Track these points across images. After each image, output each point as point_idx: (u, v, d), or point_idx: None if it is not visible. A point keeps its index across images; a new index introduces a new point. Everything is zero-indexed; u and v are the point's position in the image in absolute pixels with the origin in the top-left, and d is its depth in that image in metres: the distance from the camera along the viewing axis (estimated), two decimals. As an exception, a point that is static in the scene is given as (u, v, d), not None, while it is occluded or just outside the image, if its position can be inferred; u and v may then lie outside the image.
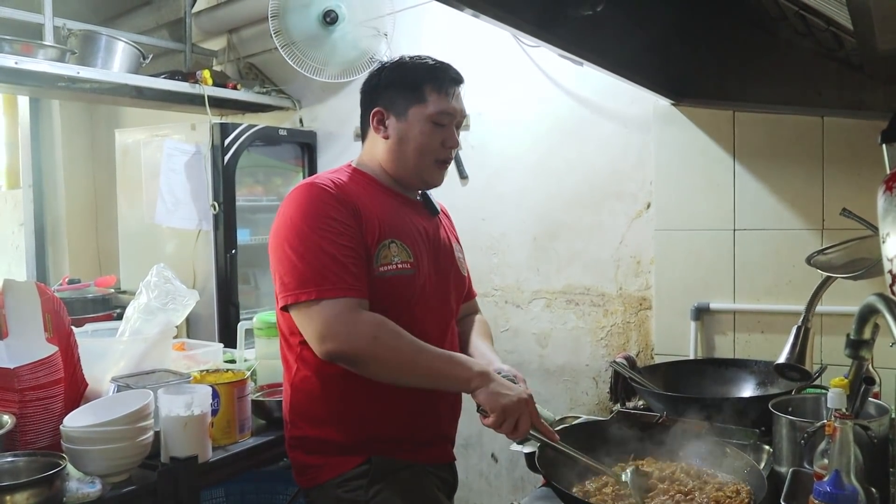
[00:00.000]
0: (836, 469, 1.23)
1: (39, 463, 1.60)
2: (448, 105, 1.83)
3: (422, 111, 1.82)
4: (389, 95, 1.86)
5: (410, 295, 1.78)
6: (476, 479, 3.23)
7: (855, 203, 1.91)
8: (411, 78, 1.84)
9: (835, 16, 1.56)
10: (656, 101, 2.70)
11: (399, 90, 1.85)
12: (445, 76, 1.86)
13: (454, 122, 1.86)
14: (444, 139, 1.84)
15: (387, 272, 1.74)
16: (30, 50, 2.83)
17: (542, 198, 3.10)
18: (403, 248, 1.79)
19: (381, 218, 1.78)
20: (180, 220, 3.32)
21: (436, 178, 1.90)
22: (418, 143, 1.82)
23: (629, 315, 2.93)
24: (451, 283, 1.95)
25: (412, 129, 1.83)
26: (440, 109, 1.82)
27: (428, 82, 1.83)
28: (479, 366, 1.70)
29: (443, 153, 1.86)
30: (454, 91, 1.86)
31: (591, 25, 1.73)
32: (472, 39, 3.08)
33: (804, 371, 1.84)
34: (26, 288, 1.88)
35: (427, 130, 1.82)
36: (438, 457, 1.90)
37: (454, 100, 1.86)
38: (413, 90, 1.83)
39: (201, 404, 1.81)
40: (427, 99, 1.82)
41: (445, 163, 1.88)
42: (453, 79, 1.87)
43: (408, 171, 1.87)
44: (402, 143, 1.84)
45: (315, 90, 3.66)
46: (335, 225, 1.69)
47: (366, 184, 1.86)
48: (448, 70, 1.88)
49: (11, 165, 4.81)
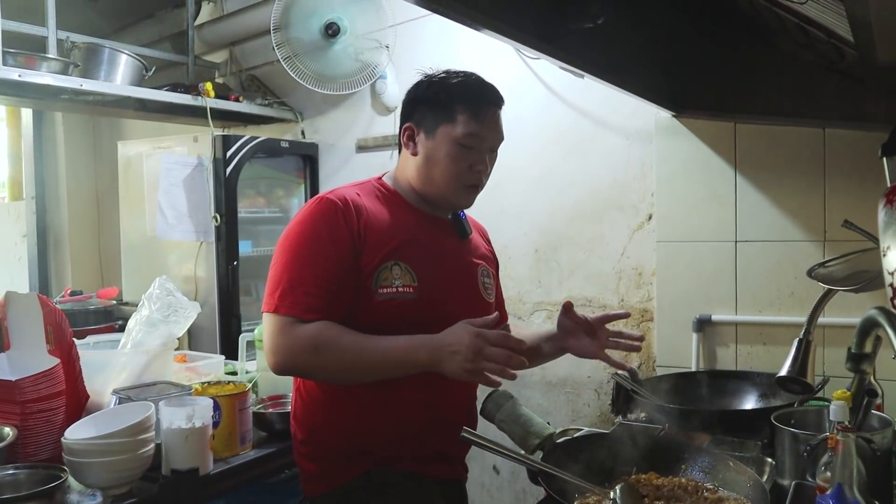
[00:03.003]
0: (839, 482, 1.22)
1: (40, 475, 1.60)
2: (477, 127, 1.75)
3: (450, 131, 1.75)
4: (422, 111, 1.80)
5: (412, 318, 1.72)
6: (478, 491, 3.22)
7: (857, 214, 1.91)
8: (445, 95, 1.77)
9: (835, 28, 1.57)
10: (657, 112, 2.70)
11: (432, 107, 1.78)
12: (480, 97, 1.78)
13: (485, 145, 1.78)
14: (473, 163, 1.77)
15: (385, 294, 1.70)
16: (33, 63, 2.85)
17: (544, 210, 3.11)
18: (407, 270, 1.73)
19: (391, 239, 1.74)
20: (181, 234, 3.33)
21: (463, 202, 1.84)
22: (444, 165, 1.76)
23: (631, 327, 2.92)
24: (468, 307, 1.82)
25: (439, 149, 1.76)
26: (468, 132, 1.74)
27: (460, 102, 1.75)
28: (421, 342, 1.61)
29: (470, 178, 1.78)
30: (488, 113, 1.77)
31: (592, 38, 1.74)
32: (473, 52, 3.09)
33: (806, 384, 1.83)
34: (28, 300, 1.88)
35: (454, 152, 1.75)
36: (444, 472, 1.86)
37: (487, 122, 1.77)
38: (444, 108, 1.76)
39: (202, 416, 1.81)
40: (456, 119, 1.74)
41: (475, 187, 1.81)
42: (489, 101, 1.79)
43: (434, 192, 1.81)
44: (429, 162, 1.78)
45: (317, 102, 3.67)
46: (322, 244, 1.68)
47: (387, 200, 1.82)
48: (485, 91, 1.80)
49: (14, 177, 4.83)
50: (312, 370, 1.68)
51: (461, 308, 1.81)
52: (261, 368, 2.38)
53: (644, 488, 1.60)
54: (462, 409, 1.87)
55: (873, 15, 1.16)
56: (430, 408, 1.77)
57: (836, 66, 2.10)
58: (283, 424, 2.09)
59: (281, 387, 2.26)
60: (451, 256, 1.87)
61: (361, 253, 1.71)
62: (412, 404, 1.75)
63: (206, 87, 3.36)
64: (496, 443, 1.61)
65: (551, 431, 1.88)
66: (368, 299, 1.70)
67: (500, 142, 1.83)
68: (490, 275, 1.98)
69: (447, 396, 1.80)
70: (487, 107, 1.78)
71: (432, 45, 3.27)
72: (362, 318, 1.70)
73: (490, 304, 1.94)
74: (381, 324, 1.69)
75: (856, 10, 1.20)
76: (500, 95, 1.82)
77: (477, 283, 1.91)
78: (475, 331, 1.57)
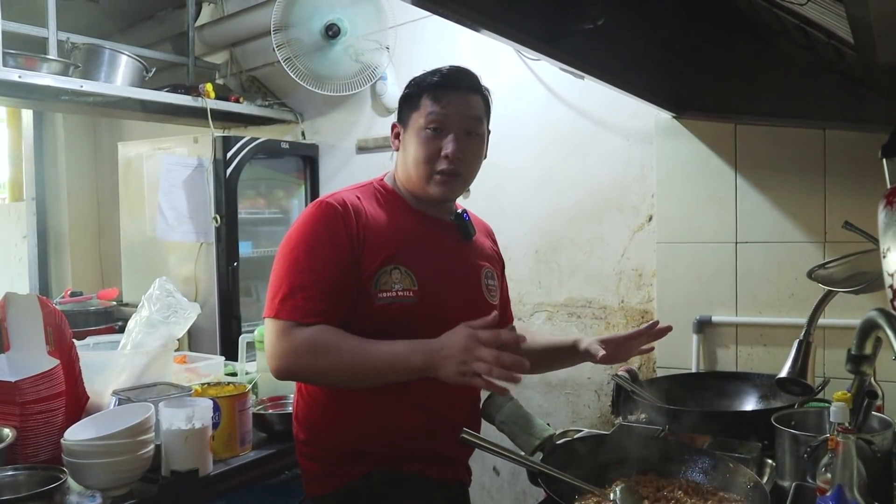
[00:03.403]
0: (840, 483, 1.22)
1: (40, 476, 1.60)
2: (439, 108, 1.74)
3: (417, 118, 1.77)
4: (402, 108, 1.84)
5: (412, 322, 1.71)
6: (478, 492, 3.22)
7: (857, 215, 1.91)
8: (415, 88, 1.80)
9: (835, 29, 1.57)
10: (658, 113, 2.71)
11: (406, 101, 1.82)
12: (443, 83, 1.77)
13: (452, 127, 1.75)
14: (442, 147, 1.74)
15: (385, 299, 1.70)
16: (33, 64, 2.85)
17: (544, 211, 3.11)
18: (407, 274, 1.72)
19: (391, 242, 1.73)
20: (180, 234, 3.33)
21: (437, 191, 1.78)
22: (414, 152, 1.77)
23: (631, 328, 2.91)
24: (471, 309, 1.78)
25: (410, 138, 1.78)
26: (430, 112, 1.74)
27: (426, 90, 1.77)
28: (417, 346, 1.59)
29: (441, 163, 1.75)
30: (452, 97, 1.76)
31: (593, 39, 1.74)
32: (473, 53, 3.08)
33: (806, 385, 1.83)
34: (28, 301, 1.88)
35: (423, 138, 1.75)
36: (446, 474, 1.85)
37: (450, 104, 1.75)
38: (414, 99, 1.79)
39: (202, 417, 1.81)
40: (421, 105, 1.77)
41: (447, 174, 1.76)
42: (452, 84, 1.78)
43: (413, 185, 1.80)
44: (405, 153, 1.80)
45: (317, 103, 3.67)
46: (322, 249, 1.68)
47: (388, 202, 1.82)
48: (450, 76, 1.79)
49: (15, 178, 4.84)
50: (313, 374, 1.68)
51: (463, 311, 1.78)
52: (261, 369, 2.38)
53: (644, 490, 1.60)
54: (463, 411, 1.87)
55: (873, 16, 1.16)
56: (432, 410, 1.77)
57: (836, 67, 2.10)
58: (283, 425, 2.09)
59: (281, 388, 2.26)
60: (452, 259, 1.86)
61: (361, 257, 1.70)
62: (413, 407, 1.75)
63: (207, 88, 3.36)
64: (496, 444, 1.61)
65: (551, 433, 1.88)
66: (368, 303, 1.70)
67: (472, 125, 1.78)
68: (494, 276, 1.96)
69: (448, 399, 1.80)
70: (450, 90, 1.77)
71: (432, 47, 3.27)
72: (362, 322, 1.70)
73: (494, 306, 1.90)
74: (381, 328, 1.68)
75: (855, 12, 1.19)
76: (468, 80, 1.81)
77: (480, 285, 1.89)
78: (469, 332, 1.55)
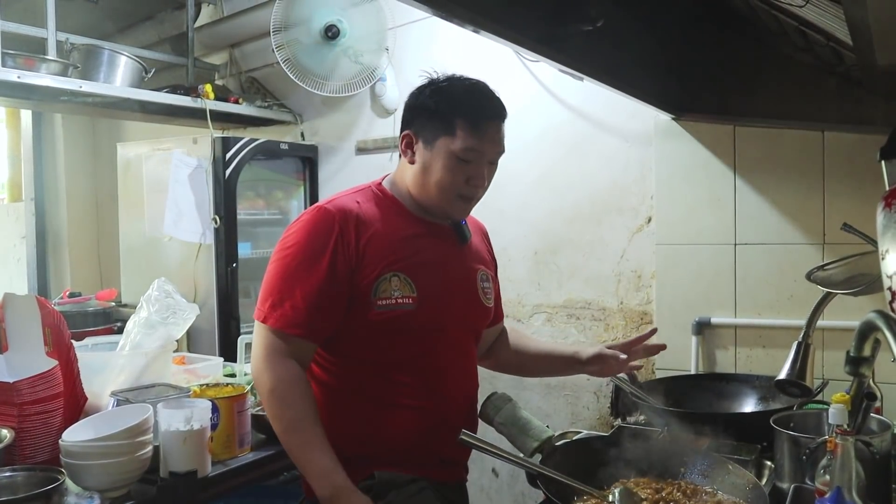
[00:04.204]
0: (838, 485, 1.22)
1: (38, 478, 1.60)
2: (477, 143, 1.70)
3: (448, 144, 1.70)
4: (422, 120, 1.76)
5: (410, 328, 1.73)
6: (477, 494, 3.22)
7: (856, 217, 1.91)
8: (446, 106, 1.72)
9: (834, 32, 1.57)
10: (657, 115, 2.71)
11: (431, 117, 1.74)
12: (481, 111, 1.73)
13: (484, 159, 1.74)
14: (470, 177, 1.73)
15: (384, 306, 1.69)
16: (32, 64, 2.85)
17: (543, 212, 3.10)
18: (406, 281, 1.72)
19: (390, 249, 1.73)
20: (185, 232, 3.33)
21: (457, 213, 1.81)
22: (440, 178, 1.73)
23: (630, 329, 2.92)
24: (468, 313, 1.87)
25: (437, 161, 1.72)
26: (467, 146, 1.70)
27: (461, 115, 1.70)
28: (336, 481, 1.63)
29: (467, 190, 1.75)
30: (490, 127, 1.73)
31: (592, 41, 1.74)
32: (472, 54, 3.09)
33: (805, 387, 1.84)
34: (26, 301, 1.88)
35: (451, 165, 1.71)
36: (446, 475, 1.85)
37: (487, 137, 1.72)
38: (444, 120, 1.71)
39: (201, 419, 1.80)
40: (456, 133, 1.70)
41: (471, 199, 1.78)
42: (491, 115, 1.74)
43: (430, 202, 1.78)
44: (426, 173, 1.74)
45: (316, 104, 3.67)
46: (315, 257, 1.68)
47: (387, 207, 1.80)
48: (487, 104, 1.75)
49: (14, 178, 4.83)
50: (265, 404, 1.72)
51: (460, 313, 1.84)
52: (259, 370, 2.37)
53: (643, 491, 1.60)
54: (461, 412, 1.87)
55: (871, 18, 1.16)
56: (431, 414, 1.77)
57: (835, 69, 2.11)
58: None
59: (280, 389, 2.25)
60: (450, 263, 1.85)
61: (359, 266, 1.70)
62: (412, 411, 1.75)
63: (206, 88, 3.35)
64: (495, 446, 1.61)
65: (550, 434, 1.88)
66: (367, 311, 1.70)
67: (500, 155, 1.79)
68: (489, 278, 1.97)
69: (446, 400, 1.80)
70: (489, 121, 1.74)
71: (432, 48, 3.27)
72: (361, 330, 1.71)
73: (489, 309, 1.94)
74: (379, 335, 1.71)
75: (854, 14, 1.20)
76: (503, 108, 1.78)
77: (476, 288, 1.89)
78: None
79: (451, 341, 1.84)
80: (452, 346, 1.84)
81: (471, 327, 1.91)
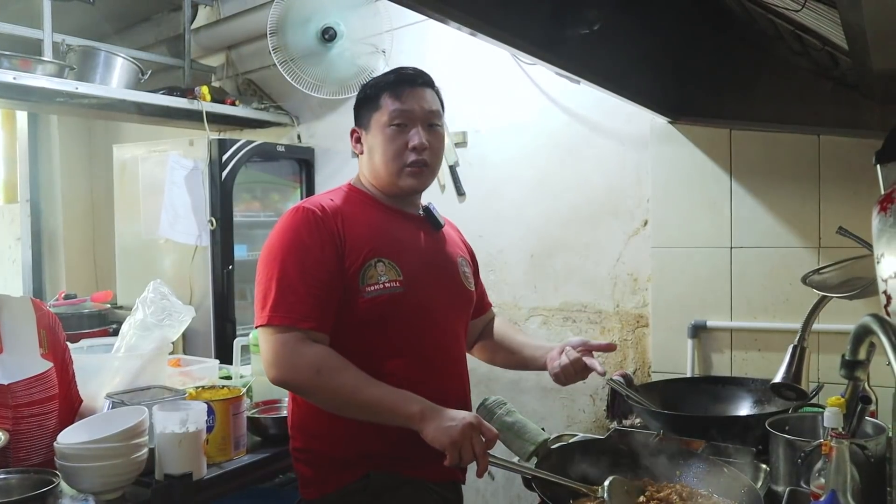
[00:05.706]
0: (833, 489, 1.22)
1: (32, 480, 1.59)
2: (401, 104, 1.80)
3: (379, 118, 1.82)
4: (360, 112, 1.89)
5: (401, 312, 1.77)
6: (473, 496, 3.21)
7: (851, 221, 1.91)
8: (372, 89, 1.85)
9: (830, 36, 1.57)
10: (653, 118, 2.71)
11: (364, 104, 1.87)
12: (401, 79, 1.84)
13: (416, 120, 1.81)
14: (408, 141, 1.80)
15: (373, 292, 1.74)
16: (28, 65, 2.85)
17: (540, 215, 3.11)
18: (391, 266, 1.77)
19: (371, 237, 1.78)
20: (181, 234, 3.32)
21: (409, 183, 1.84)
22: (382, 151, 1.81)
23: (626, 332, 2.92)
24: (454, 298, 1.93)
25: (376, 138, 1.82)
26: (392, 111, 1.80)
27: (384, 90, 1.82)
28: (423, 403, 1.63)
29: (409, 156, 1.81)
30: (410, 91, 1.82)
31: (589, 44, 1.74)
32: (469, 57, 3.10)
33: (800, 390, 1.84)
34: (21, 303, 1.88)
35: (387, 136, 1.80)
36: (441, 474, 1.84)
37: (410, 98, 1.81)
38: (373, 100, 1.84)
39: (196, 421, 1.80)
40: (381, 105, 1.81)
41: (418, 166, 1.82)
42: (407, 79, 1.84)
43: (384, 182, 1.85)
44: (372, 154, 1.84)
45: (313, 106, 3.67)
46: (308, 253, 1.71)
47: (360, 202, 1.86)
48: (406, 73, 1.86)
49: (9, 179, 4.82)
50: (311, 391, 1.70)
51: (446, 297, 1.90)
52: (255, 373, 2.37)
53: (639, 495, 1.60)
54: (457, 400, 1.87)
55: (867, 23, 1.16)
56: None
57: (831, 73, 2.11)
58: (278, 429, 2.08)
59: (275, 392, 2.24)
60: (429, 249, 1.91)
61: (344, 255, 1.74)
62: None
63: (203, 90, 3.36)
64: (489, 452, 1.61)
65: (545, 437, 1.88)
66: (357, 298, 1.73)
67: (435, 116, 1.85)
68: (468, 264, 2.04)
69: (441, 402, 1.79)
70: (406, 86, 1.83)
71: (429, 50, 3.27)
72: (352, 317, 1.74)
73: (472, 293, 2.01)
74: (371, 321, 1.74)
75: (850, 18, 1.20)
76: (422, 76, 1.87)
77: (458, 272, 1.96)
78: (478, 418, 1.62)
79: (441, 325, 1.88)
80: (444, 330, 1.89)
81: (458, 311, 1.96)
